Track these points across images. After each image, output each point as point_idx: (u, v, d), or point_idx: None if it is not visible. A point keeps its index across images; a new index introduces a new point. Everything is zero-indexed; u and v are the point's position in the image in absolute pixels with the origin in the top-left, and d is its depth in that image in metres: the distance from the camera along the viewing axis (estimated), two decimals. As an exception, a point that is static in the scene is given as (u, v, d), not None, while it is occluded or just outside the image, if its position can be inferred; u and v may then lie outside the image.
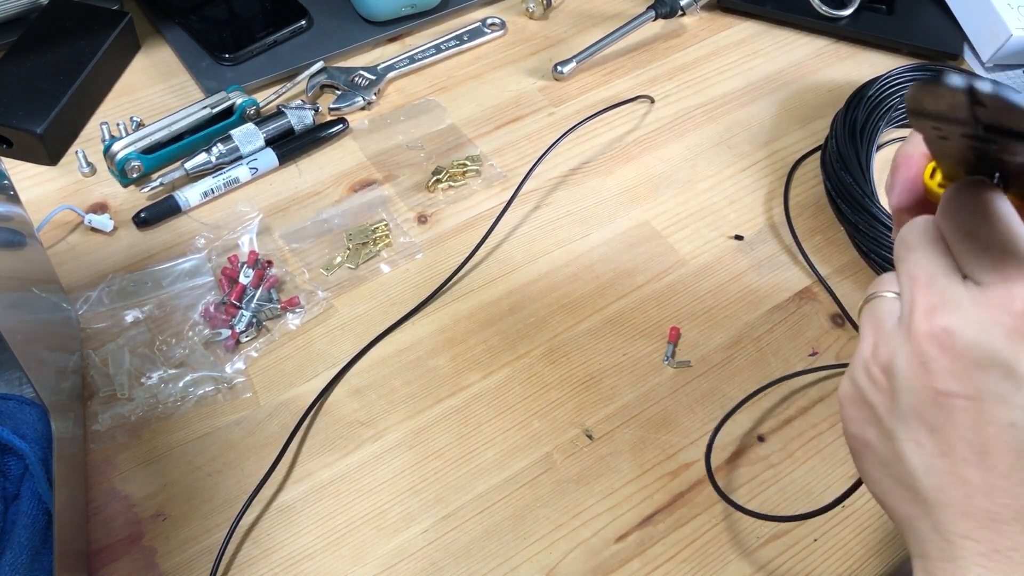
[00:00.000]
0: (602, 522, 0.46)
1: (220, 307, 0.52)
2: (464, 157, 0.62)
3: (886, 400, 0.32)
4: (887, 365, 0.32)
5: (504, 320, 0.54)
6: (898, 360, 0.32)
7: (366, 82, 0.66)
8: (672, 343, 0.53)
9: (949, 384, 0.30)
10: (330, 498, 0.46)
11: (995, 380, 0.29)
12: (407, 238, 0.57)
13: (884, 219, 0.56)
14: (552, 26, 0.73)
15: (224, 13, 0.70)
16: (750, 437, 0.50)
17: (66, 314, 0.50)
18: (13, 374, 0.46)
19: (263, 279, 0.53)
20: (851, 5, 0.73)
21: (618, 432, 0.49)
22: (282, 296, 0.53)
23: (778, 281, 0.57)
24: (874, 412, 0.33)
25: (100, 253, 0.56)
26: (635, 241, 0.59)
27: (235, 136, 0.60)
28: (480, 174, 0.61)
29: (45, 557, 0.40)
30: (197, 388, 0.49)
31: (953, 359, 0.30)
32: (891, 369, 0.32)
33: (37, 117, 0.58)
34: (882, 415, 0.32)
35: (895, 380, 0.32)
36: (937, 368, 0.30)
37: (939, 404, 0.30)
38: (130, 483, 0.46)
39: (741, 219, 0.60)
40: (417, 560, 0.44)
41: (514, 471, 0.48)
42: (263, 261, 0.55)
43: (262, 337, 0.52)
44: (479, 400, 0.50)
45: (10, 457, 0.42)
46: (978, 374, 0.30)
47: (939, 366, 0.30)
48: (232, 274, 0.53)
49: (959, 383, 0.30)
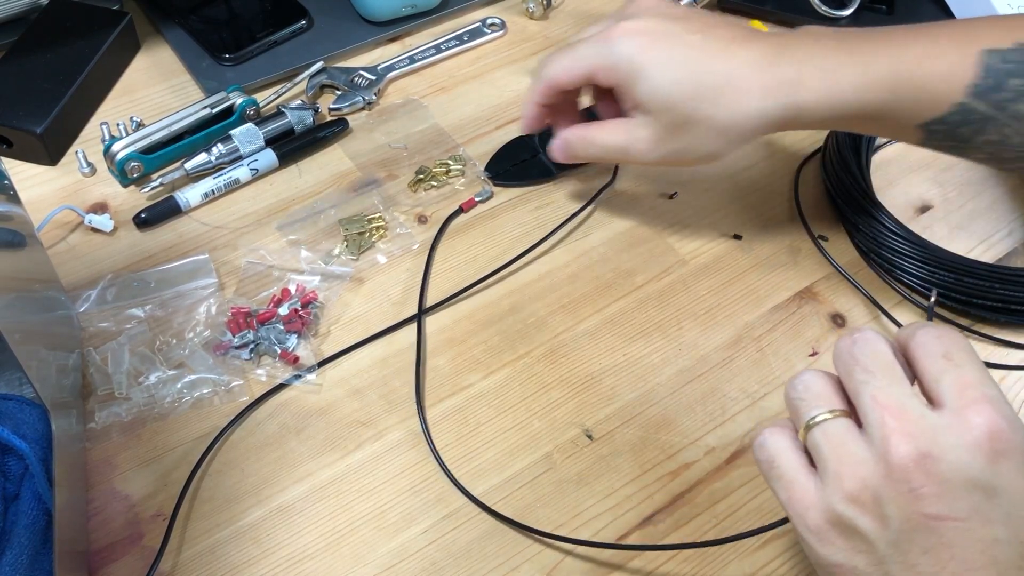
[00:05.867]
0: (602, 522, 0.46)
1: (243, 315, 0.51)
2: (447, 157, 0.62)
3: (878, 526, 0.33)
4: (873, 492, 0.33)
5: (504, 320, 0.54)
6: (884, 488, 0.32)
7: (366, 82, 0.66)
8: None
9: (939, 508, 0.32)
10: (330, 498, 0.46)
11: (979, 500, 0.32)
12: (403, 229, 0.57)
13: (884, 219, 0.56)
14: (552, 26, 0.73)
15: (224, 13, 0.70)
16: (750, 437, 0.50)
17: (66, 313, 0.50)
18: (13, 374, 0.46)
19: (292, 321, 0.51)
20: (851, 5, 0.73)
21: (618, 432, 0.49)
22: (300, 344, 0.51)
23: (778, 281, 0.57)
24: (865, 539, 0.33)
25: (100, 253, 0.56)
26: (635, 241, 0.59)
27: (235, 136, 0.60)
28: (464, 174, 0.61)
29: (45, 557, 0.40)
30: (195, 390, 0.49)
31: (939, 484, 0.32)
32: (878, 497, 0.33)
33: (37, 117, 0.58)
34: (874, 541, 0.33)
35: (883, 506, 0.33)
36: (926, 494, 0.32)
37: (930, 528, 0.32)
38: (130, 483, 0.46)
39: (741, 219, 0.60)
40: (417, 560, 0.44)
41: (514, 471, 0.48)
42: (306, 312, 0.52)
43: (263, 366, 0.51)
44: (479, 400, 0.50)
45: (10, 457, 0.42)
46: (964, 496, 0.32)
47: (927, 492, 0.32)
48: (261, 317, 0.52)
49: (948, 507, 0.32)
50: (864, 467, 0.33)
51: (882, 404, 0.33)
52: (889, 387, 0.34)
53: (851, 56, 0.46)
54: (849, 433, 0.34)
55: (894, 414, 0.33)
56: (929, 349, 0.34)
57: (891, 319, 0.55)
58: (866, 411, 0.34)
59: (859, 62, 0.46)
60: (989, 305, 0.54)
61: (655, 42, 0.46)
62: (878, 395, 0.33)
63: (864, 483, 0.33)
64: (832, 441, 0.34)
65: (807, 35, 0.48)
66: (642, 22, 0.48)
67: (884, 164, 0.64)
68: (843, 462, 0.33)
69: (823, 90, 0.46)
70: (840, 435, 0.34)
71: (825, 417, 0.35)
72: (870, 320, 0.55)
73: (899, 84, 0.45)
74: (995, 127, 0.46)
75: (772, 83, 0.45)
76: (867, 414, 0.34)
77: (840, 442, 0.34)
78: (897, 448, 0.32)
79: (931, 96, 0.46)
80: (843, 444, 0.34)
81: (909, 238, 0.56)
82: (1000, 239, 0.60)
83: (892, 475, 0.32)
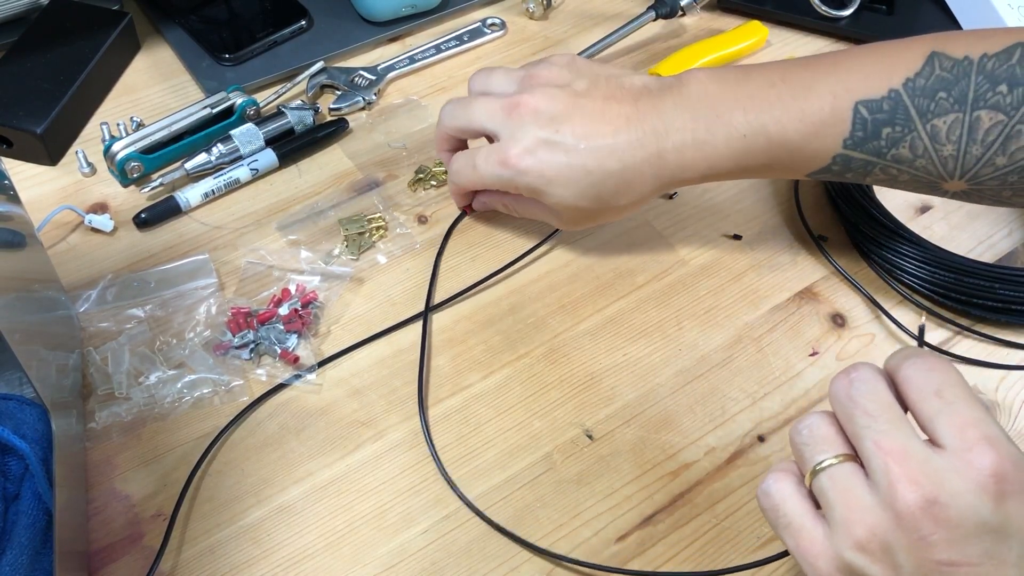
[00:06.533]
0: (602, 522, 0.46)
1: (243, 315, 0.51)
2: None
3: (890, 574, 0.33)
4: (882, 541, 0.33)
5: (504, 320, 0.54)
6: (893, 536, 0.32)
7: (366, 82, 0.66)
8: None
9: (951, 555, 0.31)
10: (330, 498, 0.46)
11: (991, 543, 0.31)
12: (403, 229, 0.57)
13: (884, 219, 0.56)
14: (552, 26, 0.73)
15: (224, 13, 0.70)
16: (750, 437, 0.50)
17: (66, 313, 0.50)
18: (13, 374, 0.46)
19: (292, 321, 0.51)
20: (851, 5, 0.73)
21: (618, 432, 0.49)
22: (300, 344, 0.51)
23: (778, 281, 0.57)
24: None
25: (100, 253, 0.56)
26: (635, 241, 0.59)
27: (235, 136, 0.60)
28: None
29: (45, 557, 0.40)
30: (195, 390, 0.49)
31: (949, 530, 0.31)
32: (887, 545, 0.33)
33: (37, 117, 0.58)
34: None
35: (894, 555, 0.32)
36: (936, 541, 0.32)
37: (943, 573, 0.32)
38: (130, 483, 0.46)
39: (741, 219, 0.60)
40: (417, 560, 0.44)
41: (514, 471, 0.48)
42: (306, 312, 0.52)
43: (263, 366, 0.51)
44: (479, 400, 0.50)
45: (10, 457, 0.42)
46: (975, 541, 0.31)
47: (938, 539, 0.31)
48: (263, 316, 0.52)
49: (960, 553, 0.31)
50: (872, 515, 0.33)
51: (886, 450, 0.33)
52: (891, 431, 0.33)
53: (727, 127, 0.47)
54: (855, 478, 0.34)
55: (898, 460, 0.33)
56: (919, 385, 0.34)
57: (891, 319, 0.55)
58: (870, 457, 0.34)
59: (735, 134, 0.47)
60: (989, 305, 0.54)
61: (552, 157, 0.48)
62: (881, 440, 0.33)
63: (873, 531, 0.33)
64: (839, 486, 0.34)
65: (688, 100, 0.48)
66: (539, 106, 0.49)
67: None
68: (851, 508, 0.33)
69: (704, 162, 0.48)
70: (846, 480, 0.34)
71: (832, 462, 0.35)
72: (870, 320, 0.55)
73: (774, 147, 0.47)
74: (879, 168, 0.47)
75: (662, 169, 0.48)
76: (871, 460, 0.33)
77: (847, 487, 0.34)
78: (904, 496, 0.32)
79: (809, 153, 0.47)
80: (850, 490, 0.34)
81: (909, 238, 0.56)
82: (1000, 239, 0.60)
83: (901, 523, 0.32)
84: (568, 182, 0.49)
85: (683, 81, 0.49)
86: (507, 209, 0.56)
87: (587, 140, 0.48)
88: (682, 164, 0.48)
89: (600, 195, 0.49)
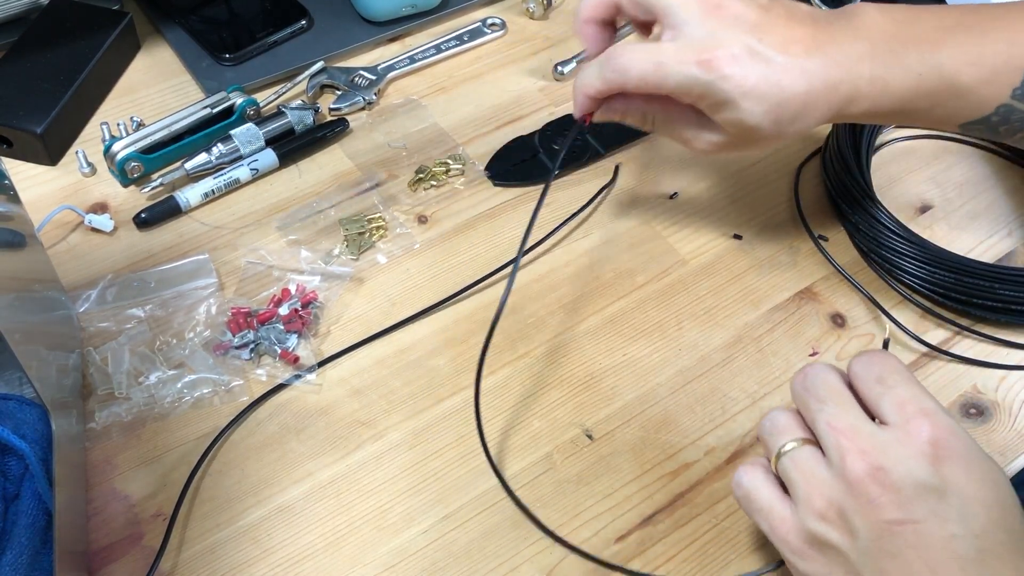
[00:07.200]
0: (602, 522, 0.46)
1: (243, 315, 0.51)
2: (447, 156, 0.62)
3: (847, 539, 0.36)
4: (838, 508, 0.37)
5: (504, 320, 0.54)
6: (847, 502, 0.36)
7: (366, 82, 0.66)
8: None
9: (897, 514, 0.35)
10: (330, 498, 0.46)
11: (933, 502, 0.35)
12: (403, 229, 0.57)
13: (884, 219, 0.56)
14: (552, 26, 0.73)
15: (224, 13, 0.70)
16: (750, 437, 0.50)
17: (66, 313, 0.50)
18: (13, 374, 0.46)
19: (292, 321, 0.51)
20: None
21: (618, 432, 0.49)
22: (300, 344, 0.51)
23: (778, 281, 0.57)
24: (838, 551, 0.37)
25: (100, 253, 0.56)
26: (635, 241, 0.59)
27: (235, 136, 0.60)
28: (464, 173, 0.61)
29: (45, 557, 0.40)
30: (195, 390, 0.49)
31: (894, 493, 0.35)
32: (843, 511, 0.36)
33: (37, 117, 0.58)
34: (847, 552, 0.37)
35: (849, 520, 0.36)
36: (884, 503, 0.35)
37: (893, 532, 0.35)
38: (130, 483, 0.46)
39: (741, 219, 0.60)
40: (417, 560, 0.44)
41: (514, 471, 0.48)
42: (306, 312, 0.52)
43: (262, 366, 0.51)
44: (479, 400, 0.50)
45: (10, 457, 0.42)
46: (918, 500, 0.35)
47: (885, 501, 0.35)
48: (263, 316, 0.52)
49: (905, 512, 0.35)
50: (827, 486, 0.37)
51: (835, 428, 0.37)
52: (840, 412, 0.38)
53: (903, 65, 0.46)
54: (813, 458, 0.38)
55: (847, 435, 0.37)
56: (863, 376, 0.39)
57: (891, 319, 0.55)
58: (823, 436, 0.38)
59: (911, 73, 0.46)
60: (989, 305, 0.54)
61: (754, 67, 0.44)
62: (831, 420, 0.38)
63: (829, 501, 0.37)
64: (799, 466, 0.38)
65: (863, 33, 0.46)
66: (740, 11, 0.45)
67: (884, 164, 0.64)
68: (810, 483, 0.37)
69: (872, 99, 0.46)
70: (806, 460, 0.38)
71: (792, 446, 0.39)
72: (870, 320, 0.55)
73: (944, 89, 0.46)
74: None
75: (835, 100, 0.46)
76: (824, 438, 0.38)
77: (806, 466, 0.38)
78: (853, 466, 0.36)
79: (975, 100, 0.47)
80: (809, 468, 0.38)
81: (909, 238, 0.56)
82: (1000, 239, 0.60)
83: (852, 490, 0.36)
84: (761, 97, 0.44)
85: (854, 13, 0.47)
86: (643, 121, 0.50)
87: (785, 55, 0.44)
88: (852, 97, 0.46)
89: (780, 118, 0.45)
